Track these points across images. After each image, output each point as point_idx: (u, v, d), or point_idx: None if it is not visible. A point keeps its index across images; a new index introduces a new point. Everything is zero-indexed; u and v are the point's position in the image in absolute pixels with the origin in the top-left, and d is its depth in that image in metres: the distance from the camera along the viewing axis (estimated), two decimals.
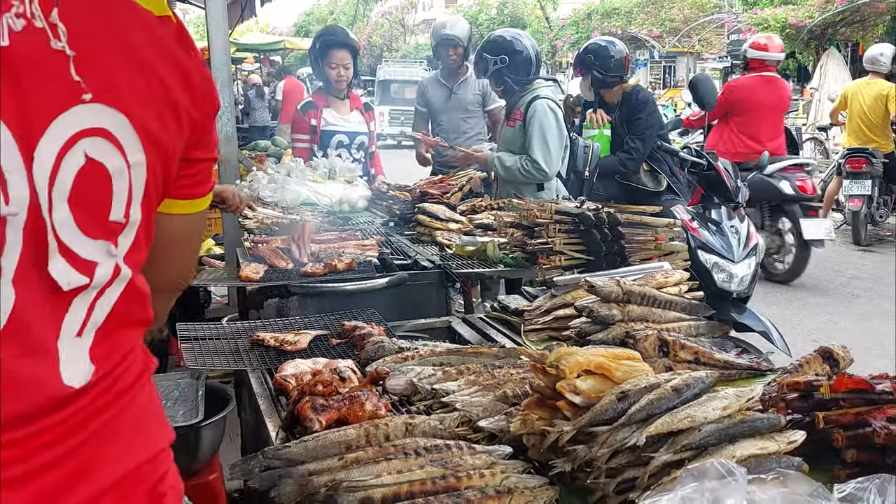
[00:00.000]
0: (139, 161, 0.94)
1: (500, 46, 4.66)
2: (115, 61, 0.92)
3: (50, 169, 0.85)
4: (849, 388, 1.62)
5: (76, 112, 0.86)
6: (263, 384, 2.18)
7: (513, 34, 4.81)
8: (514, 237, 3.36)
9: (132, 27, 0.95)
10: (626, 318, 2.37)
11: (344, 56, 5.04)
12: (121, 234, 0.94)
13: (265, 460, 1.63)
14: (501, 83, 4.68)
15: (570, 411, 1.60)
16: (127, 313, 0.99)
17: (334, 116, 5.17)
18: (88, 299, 0.92)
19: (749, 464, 1.39)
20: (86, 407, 0.93)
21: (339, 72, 5.04)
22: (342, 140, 5.17)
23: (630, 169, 5.15)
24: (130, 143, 0.92)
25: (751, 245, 4.32)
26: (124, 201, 0.93)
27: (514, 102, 4.67)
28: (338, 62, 5.03)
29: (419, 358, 2.23)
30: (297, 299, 2.94)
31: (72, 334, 0.91)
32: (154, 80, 0.97)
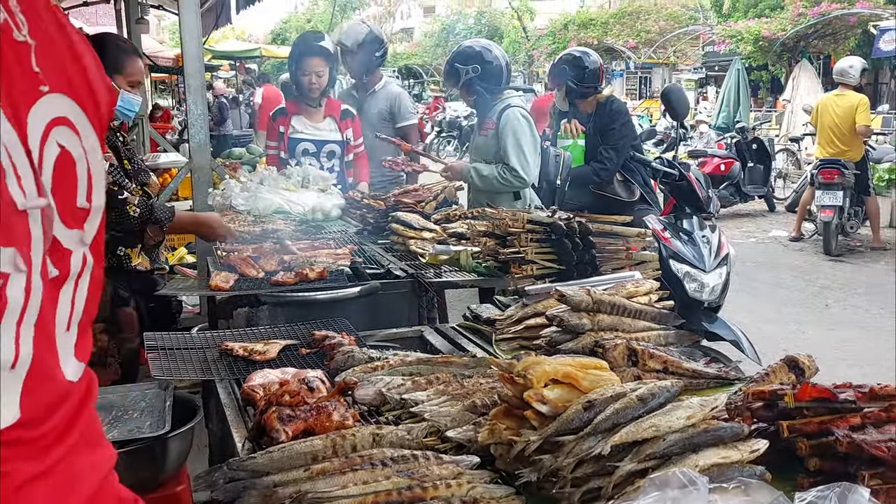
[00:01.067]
0: (93, 146, 0.96)
1: (471, 56, 4.67)
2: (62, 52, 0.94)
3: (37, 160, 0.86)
4: (812, 397, 1.63)
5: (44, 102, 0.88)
6: (231, 394, 2.16)
7: (482, 44, 4.83)
8: (486, 246, 3.36)
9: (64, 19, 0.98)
10: (596, 328, 2.38)
11: (317, 63, 4.95)
12: (86, 220, 0.96)
13: (230, 472, 1.62)
14: (474, 93, 4.69)
15: (537, 421, 1.60)
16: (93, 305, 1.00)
17: (304, 124, 5.09)
18: (70, 291, 0.93)
19: (712, 472, 1.40)
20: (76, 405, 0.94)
21: (311, 79, 4.94)
22: (308, 148, 5.07)
23: (603, 179, 5.18)
24: (85, 130, 0.95)
25: (722, 255, 4.36)
26: (86, 187, 0.95)
27: (486, 112, 4.69)
28: (310, 69, 4.94)
29: (389, 368, 2.23)
30: (267, 308, 2.93)
31: (63, 328, 0.92)
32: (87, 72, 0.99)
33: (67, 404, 0.91)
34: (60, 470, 0.90)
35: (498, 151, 4.56)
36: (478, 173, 4.60)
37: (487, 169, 4.56)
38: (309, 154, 5.09)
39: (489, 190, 4.60)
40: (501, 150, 4.52)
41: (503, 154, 4.52)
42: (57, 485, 0.89)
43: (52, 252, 0.89)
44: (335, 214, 4.49)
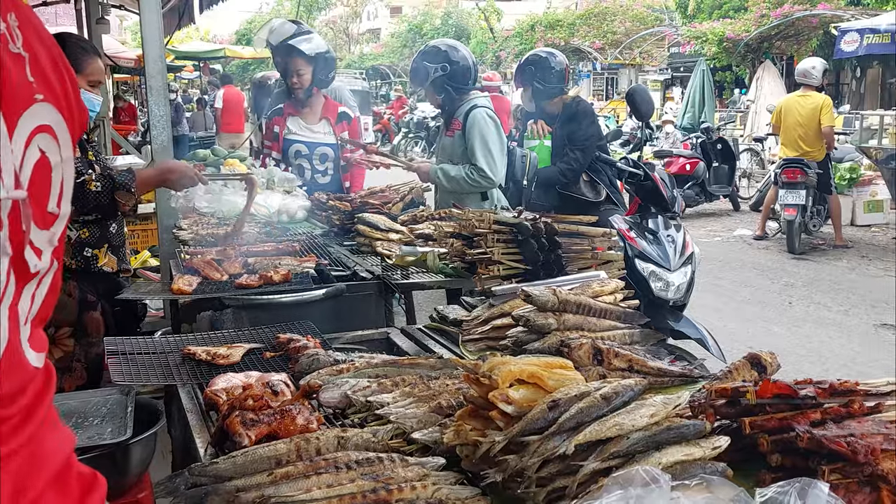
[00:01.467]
0: (69, 156, 1.00)
1: (439, 55, 4.65)
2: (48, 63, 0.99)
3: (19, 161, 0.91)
4: (774, 393, 1.65)
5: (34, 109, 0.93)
6: (194, 399, 2.13)
7: (450, 44, 4.82)
8: (453, 247, 3.36)
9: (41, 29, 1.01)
10: (561, 327, 2.38)
11: (296, 62, 4.93)
12: (53, 224, 0.99)
13: (192, 477, 1.60)
14: (441, 91, 4.67)
15: (502, 421, 1.60)
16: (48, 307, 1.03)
17: (298, 125, 5.06)
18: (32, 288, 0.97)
19: (675, 470, 1.41)
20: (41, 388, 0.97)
21: (293, 79, 4.95)
22: (300, 150, 5.05)
23: (570, 179, 5.20)
24: (64, 140, 0.99)
25: (687, 254, 4.40)
26: (58, 193, 0.99)
27: (452, 113, 4.68)
28: (291, 68, 4.94)
29: (354, 370, 2.21)
30: (231, 312, 2.90)
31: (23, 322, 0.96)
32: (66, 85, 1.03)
33: (34, 386, 0.95)
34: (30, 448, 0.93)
35: (465, 152, 4.55)
36: (445, 174, 4.58)
37: (455, 169, 4.55)
38: (301, 156, 5.07)
39: (457, 191, 4.58)
40: (468, 151, 4.52)
41: (470, 154, 4.51)
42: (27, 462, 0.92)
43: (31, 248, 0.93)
44: (300, 216, 4.46)
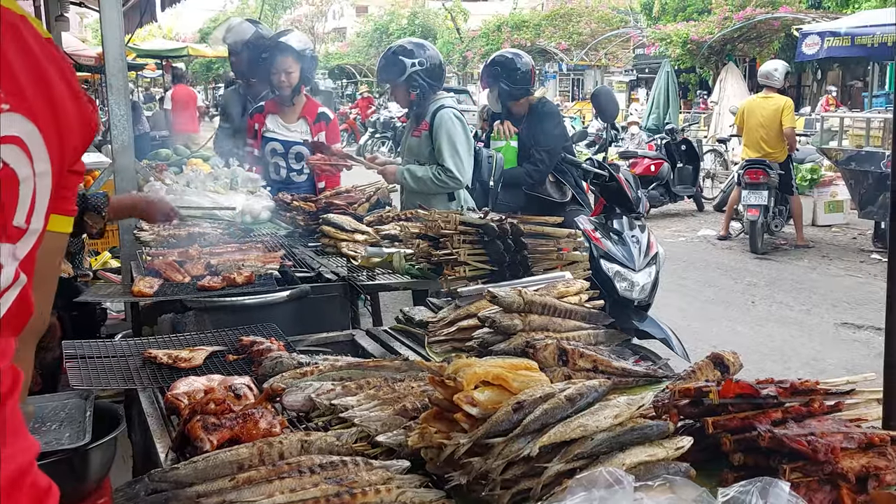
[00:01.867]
0: (44, 171, 0.97)
1: (416, 51, 4.58)
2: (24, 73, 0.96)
3: None
4: (736, 393, 1.66)
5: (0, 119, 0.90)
6: (154, 403, 2.10)
7: (421, 42, 4.80)
8: (419, 248, 3.35)
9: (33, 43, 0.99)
10: (527, 328, 2.38)
11: (285, 61, 4.91)
12: (20, 240, 0.97)
13: (152, 483, 1.57)
14: (416, 87, 4.57)
15: (467, 423, 1.59)
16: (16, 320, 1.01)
17: (276, 123, 5.06)
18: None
19: (639, 471, 1.41)
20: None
21: (280, 77, 4.93)
22: (276, 148, 5.06)
23: (536, 180, 5.22)
24: (38, 153, 0.96)
25: (651, 254, 4.43)
26: (27, 208, 0.96)
27: (421, 113, 4.65)
28: (279, 67, 4.92)
29: (319, 373, 2.19)
30: (193, 314, 2.86)
31: None
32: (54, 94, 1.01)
33: None
34: None
35: (431, 152, 4.53)
36: (412, 175, 4.54)
37: (422, 170, 4.52)
38: (277, 154, 5.07)
39: (423, 192, 4.55)
40: (436, 151, 4.49)
41: (437, 155, 4.48)
42: None
43: None
44: (264, 217, 4.42)
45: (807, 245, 10.33)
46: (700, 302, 7.84)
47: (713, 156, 15.45)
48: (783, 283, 8.60)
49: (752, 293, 8.20)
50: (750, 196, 9.78)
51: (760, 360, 5.82)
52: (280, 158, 5.06)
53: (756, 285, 8.52)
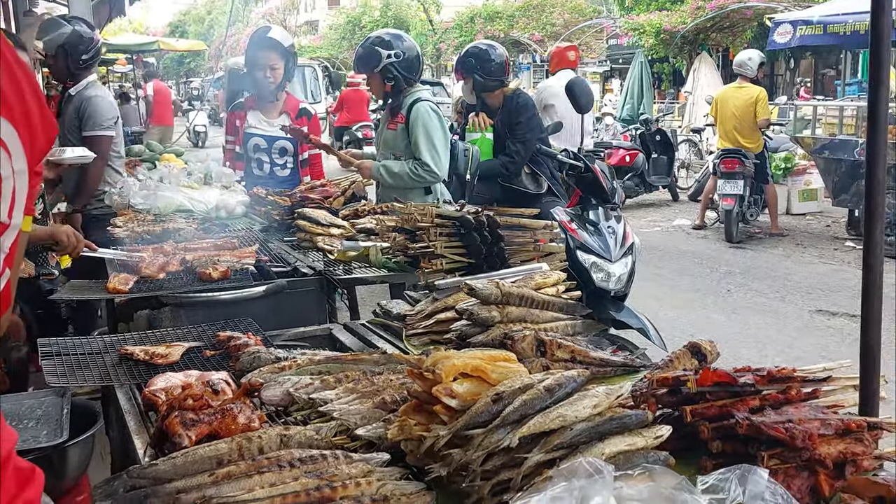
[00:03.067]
0: (22, 169, 1.02)
1: (392, 42, 4.54)
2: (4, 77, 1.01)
3: None
4: (714, 381, 1.67)
5: None
6: (132, 400, 2.09)
7: (399, 33, 4.76)
8: (396, 241, 3.34)
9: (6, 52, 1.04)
10: (505, 320, 2.39)
11: (269, 56, 4.88)
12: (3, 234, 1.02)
13: (131, 480, 1.56)
14: (392, 79, 4.54)
15: (447, 415, 1.59)
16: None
17: (258, 119, 5.03)
18: None
19: (618, 460, 1.42)
20: None
21: (265, 73, 4.89)
22: (259, 144, 5.03)
23: (512, 172, 5.22)
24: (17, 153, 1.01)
25: (627, 244, 4.45)
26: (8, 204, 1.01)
27: (397, 105, 4.61)
28: (264, 63, 4.88)
29: (297, 367, 2.19)
30: (169, 310, 2.84)
31: None
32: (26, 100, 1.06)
33: None
34: None
35: (408, 145, 4.50)
36: (388, 171, 4.50)
37: (398, 166, 4.49)
38: (260, 150, 5.04)
39: (400, 187, 4.52)
40: (413, 145, 4.47)
41: (414, 149, 4.46)
42: None
43: None
44: (239, 212, 4.39)
45: (781, 233, 10.43)
46: (676, 291, 7.89)
47: (688, 146, 15.54)
48: (758, 271, 8.68)
49: (728, 282, 8.27)
50: (725, 185, 9.85)
51: (736, 347, 5.87)
52: (263, 154, 5.03)
53: (731, 274, 8.59)
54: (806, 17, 13.46)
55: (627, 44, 23.41)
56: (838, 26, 12.19)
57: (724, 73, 19.60)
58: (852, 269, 8.52)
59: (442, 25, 32.85)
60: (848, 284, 7.88)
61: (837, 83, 19.76)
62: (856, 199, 9.52)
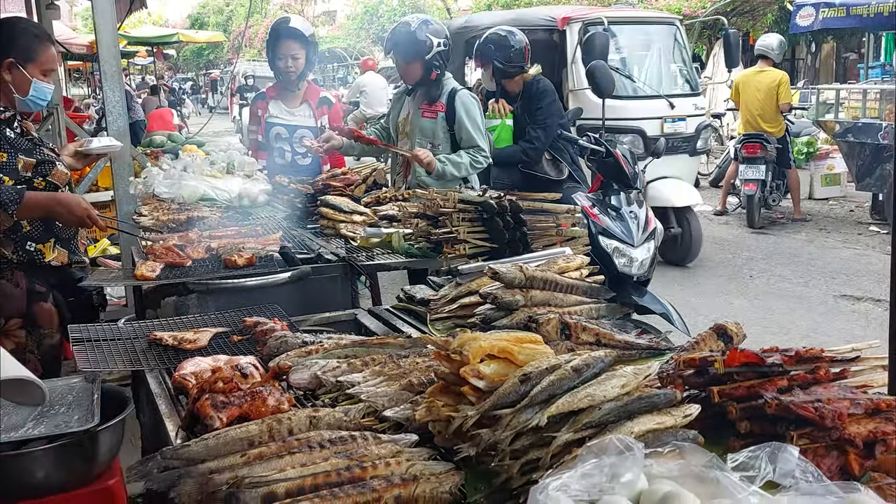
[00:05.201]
0: None
1: (440, 30, 4.44)
2: None
3: None
4: (741, 362, 1.67)
5: None
6: (162, 384, 2.11)
7: (433, 19, 4.68)
8: (418, 227, 3.35)
9: None
10: (529, 303, 2.39)
11: (292, 46, 4.89)
12: None
13: (164, 461, 1.58)
14: (438, 67, 4.43)
15: (474, 396, 1.60)
16: None
17: (280, 108, 5.06)
18: None
19: (647, 438, 1.42)
20: None
21: (286, 63, 4.91)
22: (280, 133, 5.06)
23: (532, 158, 5.21)
24: None
25: (649, 230, 4.43)
26: None
27: (436, 94, 4.48)
28: (285, 53, 4.90)
29: (324, 351, 2.20)
30: (196, 297, 2.86)
31: None
32: None
33: None
34: None
35: (447, 134, 4.45)
36: (452, 162, 4.36)
37: (462, 158, 4.38)
38: (282, 139, 5.07)
39: (454, 178, 4.37)
40: (462, 133, 4.41)
41: (467, 138, 4.40)
42: None
43: None
44: (262, 200, 4.41)
45: (804, 218, 10.34)
46: (698, 277, 7.86)
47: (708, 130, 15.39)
48: (781, 256, 8.62)
49: (751, 267, 8.22)
50: (747, 170, 9.77)
51: (760, 333, 5.84)
52: (285, 143, 5.06)
53: (754, 259, 8.54)
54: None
55: None
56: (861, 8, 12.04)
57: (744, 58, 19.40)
58: (876, 253, 8.44)
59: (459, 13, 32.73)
60: (872, 269, 7.81)
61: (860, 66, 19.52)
62: (880, 182, 9.42)
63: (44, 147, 3.32)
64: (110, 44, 4.48)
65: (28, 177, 3.14)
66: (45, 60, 3.25)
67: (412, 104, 4.64)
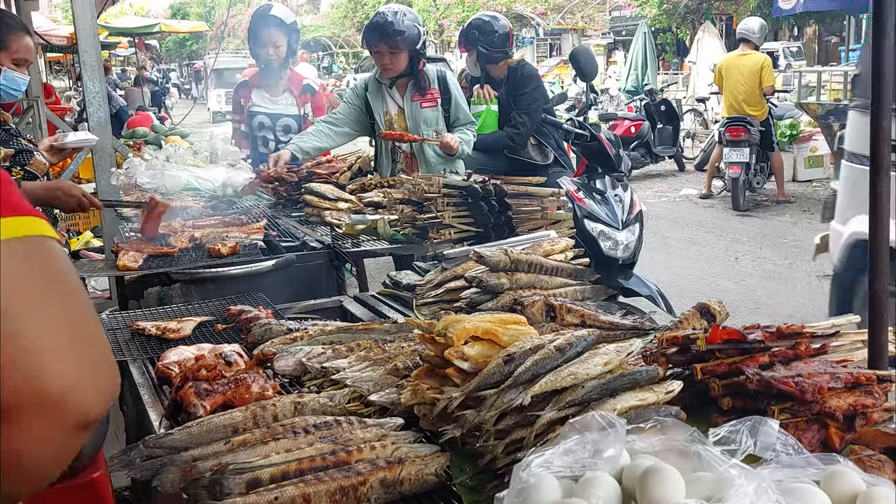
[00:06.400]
0: None
1: (419, 17, 4.42)
2: None
3: None
4: (723, 339, 1.68)
5: None
6: (145, 374, 2.11)
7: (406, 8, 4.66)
8: (404, 213, 3.35)
9: None
10: (514, 286, 2.40)
11: (272, 34, 4.87)
12: None
13: (147, 449, 1.58)
14: (423, 55, 4.38)
15: (459, 378, 1.61)
16: None
17: (262, 97, 5.05)
18: None
19: (630, 415, 1.43)
20: None
21: (268, 51, 4.90)
22: (263, 121, 5.05)
23: (518, 143, 5.20)
24: None
25: (634, 212, 4.43)
26: None
27: (424, 82, 4.37)
28: (266, 41, 4.88)
29: (309, 338, 2.20)
30: (179, 286, 2.85)
31: None
32: None
33: None
34: None
35: (447, 118, 4.41)
36: (465, 141, 4.34)
37: (467, 133, 4.41)
38: (265, 127, 5.05)
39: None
40: (460, 114, 4.41)
41: (463, 116, 4.43)
42: None
43: None
44: None
45: (788, 200, 10.39)
46: (684, 259, 7.89)
47: (693, 115, 15.45)
48: (766, 238, 8.66)
49: (736, 249, 8.26)
50: (731, 153, 9.81)
51: (746, 314, 5.87)
52: (268, 131, 5.05)
53: (739, 241, 8.58)
54: None
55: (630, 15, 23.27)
56: None
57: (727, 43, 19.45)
58: None
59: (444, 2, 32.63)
60: None
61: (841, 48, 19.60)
62: None
63: (20, 137, 3.29)
64: (89, 34, 4.44)
65: (6, 167, 3.11)
66: (16, 49, 3.19)
67: (398, 96, 4.45)
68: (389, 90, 4.44)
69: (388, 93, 4.44)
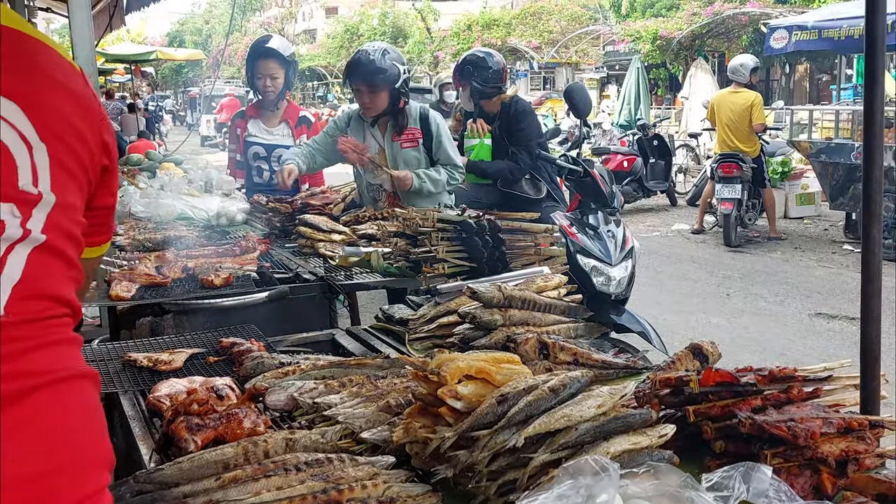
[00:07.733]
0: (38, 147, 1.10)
1: (401, 57, 4.35)
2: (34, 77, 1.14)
3: None
4: (716, 381, 1.68)
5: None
6: (136, 406, 2.09)
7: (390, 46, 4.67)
8: (397, 246, 3.35)
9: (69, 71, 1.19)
10: (507, 323, 2.40)
11: (270, 66, 4.94)
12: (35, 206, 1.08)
13: (137, 484, 1.56)
14: (405, 94, 4.31)
15: (452, 417, 1.60)
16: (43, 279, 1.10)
17: (258, 128, 5.09)
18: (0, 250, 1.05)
19: (623, 459, 1.43)
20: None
21: (265, 82, 4.95)
22: (258, 152, 5.09)
23: (517, 178, 5.24)
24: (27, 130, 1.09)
25: (627, 248, 4.45)
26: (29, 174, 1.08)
27: (404, 121, 4.34)
28: (264, 72, 4.94)
29: (301, 372, 2.19)
30: (171, 317, 2.84)
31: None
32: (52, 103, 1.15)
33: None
34: None
35: (428, 160, 4.36)
36: (430, 179, 4.27)
37: (441, 172, 4.31)
38: (260, 157, 5.09)
39: (431, 194, 4.28)
40: (441, 155, 4.33)
41: (445, 158, 4.33)
42: None
43: None
44: (240, 219, 4.40)
45: (780, 237, 10.45)
46: (676, 295, 7.90)
47: (685, 150, 15.57)
48: (757, 275, 8.69)
49: (727, 286, 8.28)
50: (723, 189, 9.87)
51: (737, 351, 5.87)
52: (263, 162, 5.09)
53: (731, 278, 8.60)
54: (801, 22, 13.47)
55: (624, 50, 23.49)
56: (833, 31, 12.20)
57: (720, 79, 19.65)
58: (850, 272, 8.53)
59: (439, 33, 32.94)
60: (846, 288, 7.89)
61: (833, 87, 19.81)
62: (853, 202, 9.54)
63: None
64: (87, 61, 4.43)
65: None
66: None
67: (379, 136, 4.40)
68: (371, 128, 4.40)
69: (370, 131, 4.41)
